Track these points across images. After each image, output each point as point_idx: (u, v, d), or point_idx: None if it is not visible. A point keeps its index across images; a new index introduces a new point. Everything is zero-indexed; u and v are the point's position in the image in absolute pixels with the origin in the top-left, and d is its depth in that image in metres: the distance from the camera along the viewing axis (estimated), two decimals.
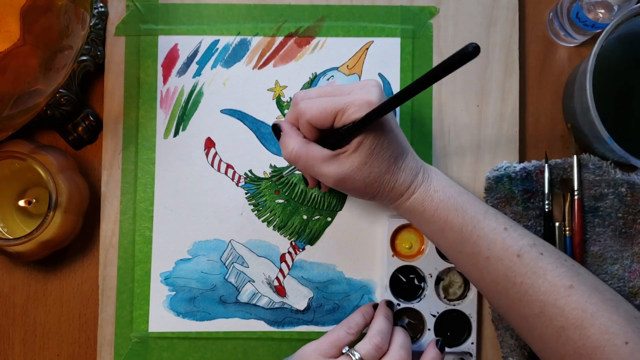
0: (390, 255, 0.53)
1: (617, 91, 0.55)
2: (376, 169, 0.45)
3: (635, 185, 0.52)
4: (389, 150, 0.45)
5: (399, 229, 0.53)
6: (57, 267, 0.55)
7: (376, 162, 0.44)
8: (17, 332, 0.54)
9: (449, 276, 0.54)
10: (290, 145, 0.46)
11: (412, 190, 0.46)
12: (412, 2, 0.55)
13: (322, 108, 0.44)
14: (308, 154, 0.45)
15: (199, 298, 0.53)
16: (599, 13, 0.51)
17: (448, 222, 0.45)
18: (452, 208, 0.45)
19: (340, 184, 0.45)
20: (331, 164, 0.45)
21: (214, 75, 0.55)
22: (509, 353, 0.52)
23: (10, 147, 0.49)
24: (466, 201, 0.46)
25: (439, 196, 0.46)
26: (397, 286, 0.53)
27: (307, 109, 0.44)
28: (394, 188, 0.46)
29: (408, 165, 0.46)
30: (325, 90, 0.46)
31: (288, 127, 0.47)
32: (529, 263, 0.43)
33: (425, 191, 0.46)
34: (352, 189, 0.46)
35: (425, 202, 0.46)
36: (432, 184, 0.46)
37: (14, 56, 0.40)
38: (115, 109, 0.54)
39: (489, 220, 0.45)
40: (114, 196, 0.54)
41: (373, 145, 0.44)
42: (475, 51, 0.33)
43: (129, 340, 0.53)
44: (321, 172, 0.45)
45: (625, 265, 0.53)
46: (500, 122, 0.55)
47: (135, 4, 0.54)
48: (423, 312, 0.53)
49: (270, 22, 0.55)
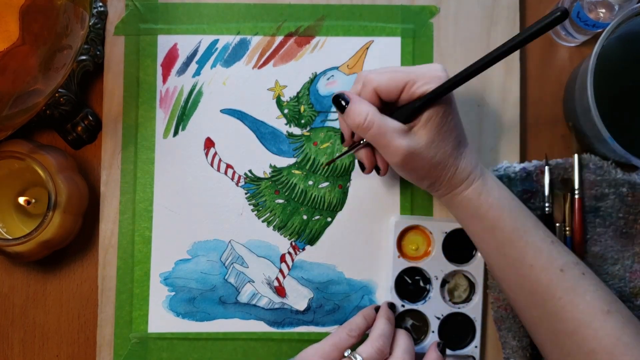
0: (396, 256, 0.53)
1: (618, 91, 0.55)
2: (442, 149, 0.44)
3: (636, 185, 0.52)
4: (455, 132, 0.45)
5: (405, 230, 0.53)
6: (57, 268, 0.55)
7: (443, 143, 0.44)
8: (16, 333, 0.54)
9: (455, 279, 0.54)
10: (363, 111, 0.44)
11: (471, 181, 0.46)
12: (413, 2, 0.55)
13: (393, 77, 0.44)
14: (382, 121, 0.44)
15: (199, 298, 0.53)
16: (600, 12, 0.51)
17: (501, 221, 0.45)
18: (507, 208, 0.45)
19: (409, 161, 0.44)
20: (404, 137, 0.44)
21: (214, 74, 0.54)
22: (511, 354, 0.52)
23: (10, 147, 0.49)
24: (519, 206, 0.46)
25: (495, 194, 0.46)
26: (402, 287, 0.53)
27: (377, 76, 0.44)
28: (455, 174, 0.45)
29: (469, 154, 0.46)
30: (393, 67, 0.46)
31: (356, 96, 0.46)
32: (570, 279, 0.43)
33: (483, 184, 0.46)
34: (417, 168, 0.45)
35: (482, 196, 0.45)
36: (489, 180, 0.46)
37: (13, 56, 0.40)
38: (115, 108, 0.54)
39: (538, 230, 0.45)
40: (113, 196, 0.54)
41: (442, 122, 0.44)
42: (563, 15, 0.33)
43: (129, 341, 0.53)
44: (394, 143, 0.44)
45: (626, 265, 0.52)
46: (501, 122, 0.54)
47: (135, 3, 0.54)
48: (427, 314, 0.53)
49: (270, 21, 0.55)
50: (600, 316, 0.42)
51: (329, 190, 0.54)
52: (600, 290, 0.43)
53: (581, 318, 0.42)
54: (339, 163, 0.54)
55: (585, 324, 0.42)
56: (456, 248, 0.53)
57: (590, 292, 0.43)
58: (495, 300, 0.52)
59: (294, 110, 0.54)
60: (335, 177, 0.54)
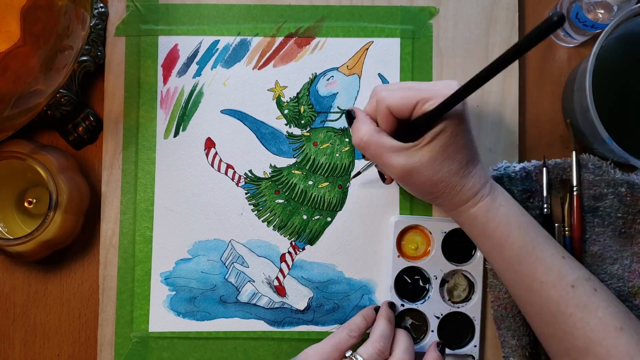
0: (396, 256, 0.53)
1: (617, 91, 0.55)
2: (446, 167, 0.44)
3: (634, 185, 0.52)
4: (461, 152, 0.44)
5: (405, 230, 0.53)
6: (58, 267, 0.55)
7: (447, 162, 0.44)
8: (17, 332, 0.54)
9: (454, 278, 0.54)
10: (362, 131, 0.45)
11: (479, 199, 0.45)
12: (412, 3, 0.55)
13: (405, 95, 0.44)
14: (379, 141, 0.45)
15: (199, 298, 0.53)
16: (599, 13, 0.51)
17: (509, 238, 0.45)
18: (515, 226, 0.45)
19: (407, 177, 0.45)
20: (401, 155, 0.44)
21: (214, 75, 0.55)
22: (510, 353, 0.52)
23: (11, 147, 0.49)
24: (529, 222, 0.45)
25: (504, 211, 0.45)
26: (401, 287, 0.53)
27: (390, 94, 0.44)
28: (460, 192, 0.45)
29: (478, 173, 0.45)
30: (407, 84, 0.46)
31: (362, 114, 0.46)
32: (582, 295, 0.43)
33: (491, 202, 0.45)
34: (417, 184, 0.45)
35: (489, 213, 0.45)
36: (498, 197, 0.46)
37: (15, 56, 0.40)
38: (116, 109, 0.54)
39: (549, 246, 0.45)
40: (114, 196, 0.54)
41: (448, 143, 0.43)
42: (560, 20, 0.33)
43: (129, 340, 0.53)
44: (389, 161, 0.44)
45: (625, 265, 0.53)
46: (500, 122, 0.55)
47: (136, 4, 0.54)
48: (427, 314, 0.53)
49: (270, 22, 0.55)
50: (612, 333, 0.41)
51: (329, 190, 0.54)
52: (613, 307, 0.42)
53: (592, 336, 0.41)
54: (338, 163, 0.54)
55: (597, 341, 0.41)
56: (455, 248, 0.53)
57: (602, 308, 0.42)
58: (495, 299, 0.52)
59: (294, 110, 0.55)
60: (335, 177, 0.54)
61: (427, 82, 0.46)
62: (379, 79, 0.55)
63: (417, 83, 0.46)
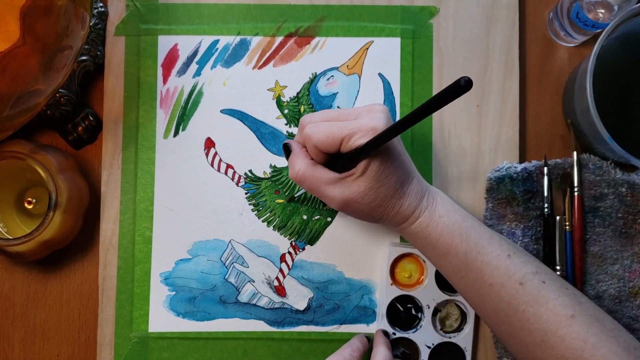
0: (389, 284, 0.53)
1: (618, 91, 0.55)
2: (382, 194, 0.44)
3: (635, 185, 0.52)
4: (394, 176, 0.44)
5: (399, 258, 0.53)
6: (57, 267, 0.55)
7: (382, 188, 0.44)
8: (16, 332, 0.54)
9: (447, 308, 0.53)
10: (297, 166, 0.45)
11: (417, 215, 0.46)
12: (412, 2, 0.55)
13: (329, 133, 0.43)
14: (314, 175, 0.45)
15: (199, 298, 0.53)
16: (599, 13, 0.51)
17: (452, 247, 0.45)
18: (457, 233, 0.45)
19: (345, 207, 0.45)
20: (337, 186, 0.45)
21: (214, 75, 0.55)
22: (504, 354, 0.52)
23: (10, 147, 0.49)
24: (470, 227, 0.46)
25: (444, 221, 0.45)
26: (394, 315, 0.53)
27: (314, 133, 0.44)
28: (399, 212, 0.45)
29: (413, 189, 0.46)
30: (331, 115, 0.46)
31: (298, 148, 0.46)
32: (531, 291, 0.43)
33: (430, 216, 0.46)
34: (356, 211, 0.46)
35: (429, 227, 0.45)
36: (437, 208, 0.46)
37: (14, 56, 0.40)
38: (115, 109, 0.54)
39: (493, 247, 0.45)
40: (113, 196, 0.54)
41: (380, 170, 0.44)
42: (467, 85, 0.33)
43: (129, 340, 0.53)
44: (326, 194, 0.45)
45: (625, 265, 0.52)
46: (501, 122, 0.55)
47: (135, 3, 0.54)
48: (418, 343, 0.52)
49: (270, 22, 0.55)
50: (565, 322, 0.42)
51: None
52: (563, 296, 0.43)
53: (546, 328, 0.42)
54: None
55: (551, 332, 0.42)
56: None
57: (552, 299, 0.42)
58: None
59: (294, 110, 0.55)
60: None
61: (352, 111, 0.45)
62: (379, 78, 0.55)
63: (341, 113, 0.46)
